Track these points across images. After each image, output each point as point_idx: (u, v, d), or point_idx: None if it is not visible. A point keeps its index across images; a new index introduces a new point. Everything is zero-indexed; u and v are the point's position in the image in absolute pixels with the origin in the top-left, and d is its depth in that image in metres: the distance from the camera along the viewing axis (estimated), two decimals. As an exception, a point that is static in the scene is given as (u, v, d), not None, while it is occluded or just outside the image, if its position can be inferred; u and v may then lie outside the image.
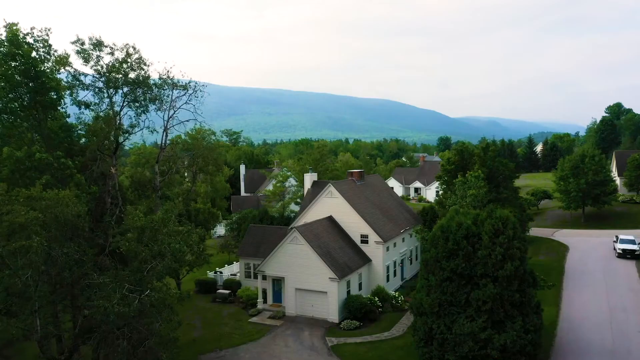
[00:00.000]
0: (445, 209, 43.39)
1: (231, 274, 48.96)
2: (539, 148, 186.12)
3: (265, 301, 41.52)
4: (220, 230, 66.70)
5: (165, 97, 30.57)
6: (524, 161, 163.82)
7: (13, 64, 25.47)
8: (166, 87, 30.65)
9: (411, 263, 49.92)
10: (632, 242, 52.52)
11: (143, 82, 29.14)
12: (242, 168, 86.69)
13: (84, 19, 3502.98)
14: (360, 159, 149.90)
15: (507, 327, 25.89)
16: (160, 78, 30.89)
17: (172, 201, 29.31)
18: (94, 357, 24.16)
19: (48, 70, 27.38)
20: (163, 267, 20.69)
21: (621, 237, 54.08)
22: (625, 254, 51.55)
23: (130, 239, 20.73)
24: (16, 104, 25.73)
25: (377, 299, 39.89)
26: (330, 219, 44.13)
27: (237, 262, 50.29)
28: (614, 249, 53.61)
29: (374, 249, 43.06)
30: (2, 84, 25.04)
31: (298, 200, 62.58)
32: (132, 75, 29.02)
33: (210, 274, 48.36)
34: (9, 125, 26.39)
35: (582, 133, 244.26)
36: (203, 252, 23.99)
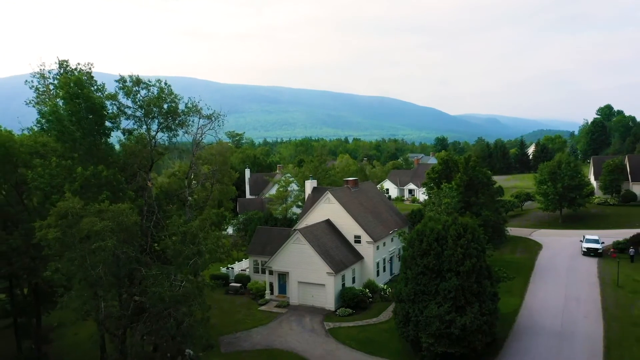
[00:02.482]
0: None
1: (241, 270, 55.67)
2: (531, 149, 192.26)
3: (272, 293, 48.19)
4: (228, 230, 73.26)
5: (191, 122, 37.04)
6: (515, 162, 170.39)
7: (78, 101, 31.94)
8: (192, 114, 37.15)
9: (399, 260, 56.43)
10: (596, 241, 59.17)
11: (174, 112, 35.69)
12: (247, 172, 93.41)
13: (84, 18, 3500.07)
14: (357, 162, 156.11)
15: (467, 311, 32.47)
16: (186, 107, 37.43)
17: (201, 211, 35.78)
18: (137, 334, 30.72)
19: (96, 96, 33.93)
20: (202, 263, 27.28)
21: (587, 237, 60.76)
22: (589, 252, 58.25)
23: (176, 241, 27.28)
24: (79, 133, 32.21)
25: (367, 290, 46.58)
26: (328, 222, 50.73)
27: (246, 259, 56.96)
28: (581, 247, 60.22)
29: (366, 248, 49.69)
30: (73, 118, 31.54)
31: (299, 203, 69.16)
32: (165, 106, 35.55)
33: (223, 270, 54.98)
34: (70, 148, 32.96)
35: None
36: (229, 250, 30.41)
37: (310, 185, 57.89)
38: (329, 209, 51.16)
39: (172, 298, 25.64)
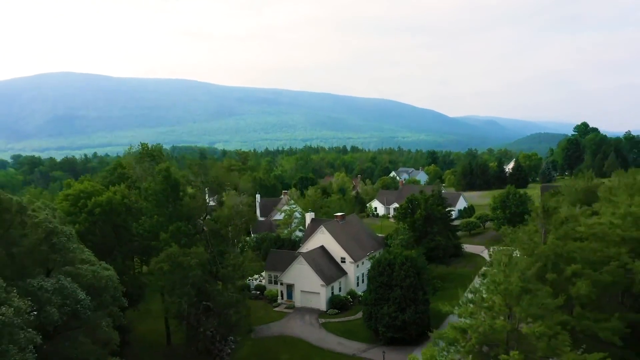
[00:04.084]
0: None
1: (259, 281, 75.41)
2: (511, 165, 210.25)
3: (282, 298, 67.96)
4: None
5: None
6: (493, 178, 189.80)
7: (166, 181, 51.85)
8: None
9: (376, 273, 76.16)
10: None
11: (220, 183, 55.60)
12: (258, 197, 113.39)
13: (84, 19, 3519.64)
14: (351, 177, 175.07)
15: (407, 311, 52.17)
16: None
17: (242, 250, 56.03)
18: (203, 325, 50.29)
19: (177, 176, 53.77)
20: (243, 281, 46.94)
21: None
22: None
23: (230, 270, 47.02)
24: (164, 200, 52.06)
25: (349, 297, 66.36)
26: (322, 247, 70.51)
27: (261, 272, 76.62)
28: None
29: (349, 266, 69.49)
30: (160, 195, 51.37)
31: (301, 227, 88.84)
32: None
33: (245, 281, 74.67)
34: (156, 206, 52.84)
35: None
36: (257, 270, 49.82)
37: (309, 217, 77.71)
38: (323, 238, 70.91)
39: (232, 303, 45.51)
